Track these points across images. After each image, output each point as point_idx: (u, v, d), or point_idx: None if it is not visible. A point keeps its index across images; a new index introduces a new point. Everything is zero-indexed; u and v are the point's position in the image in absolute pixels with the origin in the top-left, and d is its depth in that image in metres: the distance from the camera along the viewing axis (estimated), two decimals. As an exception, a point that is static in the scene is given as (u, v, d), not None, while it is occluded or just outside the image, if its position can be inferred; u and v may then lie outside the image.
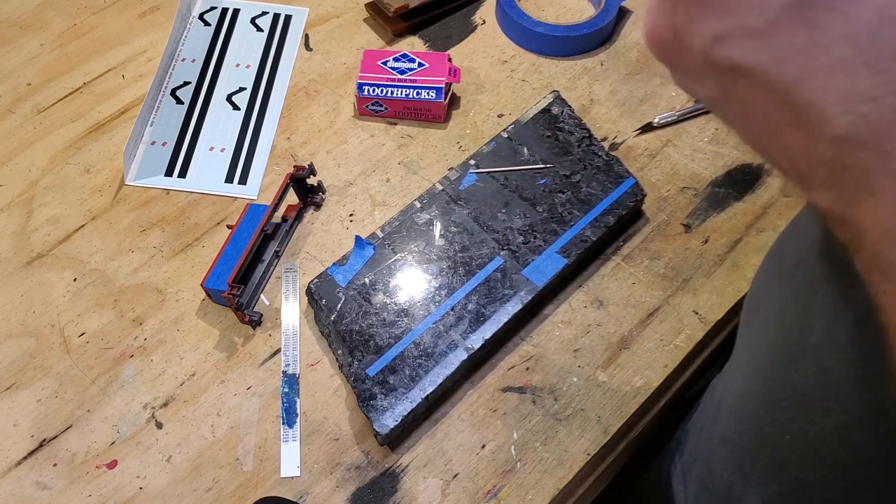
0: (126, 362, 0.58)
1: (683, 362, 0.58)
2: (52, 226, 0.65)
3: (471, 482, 0.53)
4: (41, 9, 0.79)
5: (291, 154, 0.69)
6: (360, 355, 0.55)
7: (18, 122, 0.71)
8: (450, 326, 0.56)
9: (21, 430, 0.55)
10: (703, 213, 0.65)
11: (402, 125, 0.70)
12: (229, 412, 0.56)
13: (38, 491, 0.53)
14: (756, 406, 0.44)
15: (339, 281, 0.58)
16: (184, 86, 0.74)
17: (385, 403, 0.53)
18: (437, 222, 0.61)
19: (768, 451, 0.44)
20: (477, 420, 0.55)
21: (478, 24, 0.78)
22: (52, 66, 0.75)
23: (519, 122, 0.67)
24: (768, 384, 0.43)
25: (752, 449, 0.45)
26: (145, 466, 0.54)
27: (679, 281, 0.61)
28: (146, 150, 0.69)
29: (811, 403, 0.38)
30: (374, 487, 0.53)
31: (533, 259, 0.59)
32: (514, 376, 0.57)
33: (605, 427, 0.55)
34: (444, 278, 0.58)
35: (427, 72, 0.69)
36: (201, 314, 0.60)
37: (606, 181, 0.63)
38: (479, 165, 0.64)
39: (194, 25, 0.78)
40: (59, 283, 0.62)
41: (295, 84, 0.74)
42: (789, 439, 0.41)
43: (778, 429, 0.42)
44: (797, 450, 0.40)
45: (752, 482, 0.46)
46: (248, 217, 0.61)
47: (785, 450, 0.41)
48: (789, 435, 0.40)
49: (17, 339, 0.59)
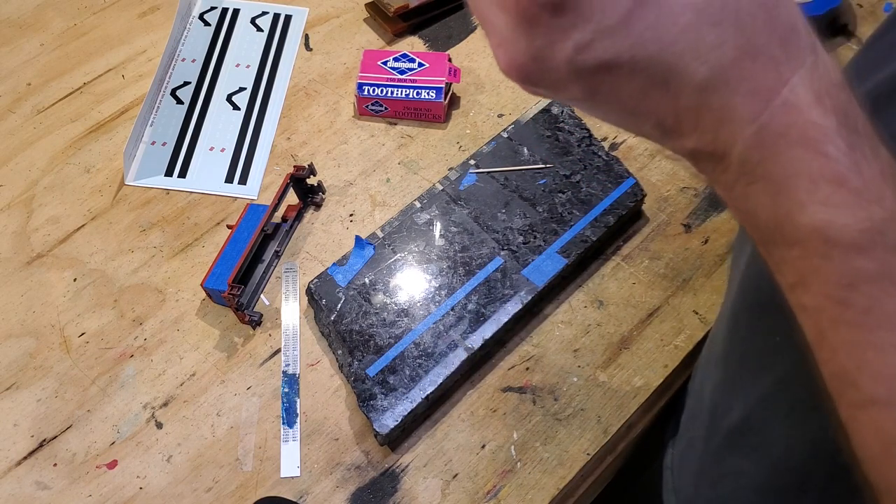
0: (126, 362, 0.58)
1: (683, 362, 0.58)
2: (52, 226, 0.65)
3: (471, 482, 0.53)
4: (41, 9, 0.79)
5: (291, 154, 0.69)
6: (360, 355, 0.55)
7: (18, 122, 0.71)
8: (450, 326, 0.56)
9: (21, 430, 0.55)
10: (703, 213, 0.65)
11: (402, 125, 0.70)
12: (229, 412, 0.56)
13: (38, 491, 0.53)
14: (746, 316, 0.47)
15: (339, 281, 0.58)
16: (184, 86, 0.74)
17: (385, 403, 0.53)
18: (437, 222, 0.61)
19: (756, 356, 0.46)
20: (477, 420, 0.55)
21: (478, 23, 0.78)
22: (52, 66, 0.75)
23: (519, 122, 0.67)
24: (757, 294, 0.45)
25: (741, 360, 0.48)
26: (145, 466, 0.54)
27: (679, 281, 0.61)
28: (146, 150, 0.69)
29: None
30: (374, 487, 0.53)
31: (533, 259, 0.59)
32: (514, 376, 0.57)
33: (605, 427, 0.55)
34: (444, 278, 0.58)
35: (427, 72, 0.69)
36: (201, 314, 0.60)
37: (606, 181, 0.63)
38: (479, 165, 0.64)
39: (194, 25, 0.78)
40: (59, 283, 0.62)
41: (295, 84, 0.74)
42: (778, 341, 0.43)
43: (766, 333, 0.44)
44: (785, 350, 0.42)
45: (736, 394, 0.48)
46: (248, 217, 0.61)
47: (773, 352, 0.44)
48: (778, 336, 0.43)
49: (17, 339, 0.59)
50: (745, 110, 0.25)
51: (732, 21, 0.24)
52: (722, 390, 0.50)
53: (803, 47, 0.25)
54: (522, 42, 0.26)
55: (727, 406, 0.49)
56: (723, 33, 0.25)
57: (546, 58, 0.26)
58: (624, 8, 0.24)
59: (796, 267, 0.27)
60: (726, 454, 0.50)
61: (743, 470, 0.49)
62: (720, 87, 0.25)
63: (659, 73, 0.25)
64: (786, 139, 0.25)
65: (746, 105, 0.25)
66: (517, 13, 0.25)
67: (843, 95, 0.26)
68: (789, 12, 0.25)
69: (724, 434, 0.50)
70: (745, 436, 0.48)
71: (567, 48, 0.25)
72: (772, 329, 0.43)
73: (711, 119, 0.26)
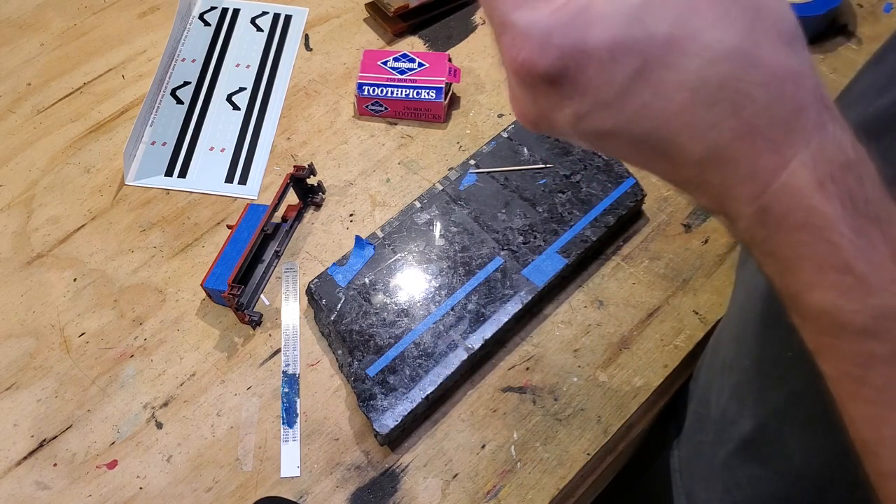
0: (126, 362, 0.58)
1: (683, 362, 0.58)
2: (52, 226, 0.65)
3: (471, 482, 0.53)
4: (41, 9, 0.79)
5: (291, 154, 0.69)
6: (360, 355, 0.55)
7: (18, 122, 0.71)
8: (450, 326, 0.56)
9: (21, 430, 0.55)
10: (703, 213, 0.65)
11: (402, 125, 0.70)
12: (229, 412, 0.56)
13: (38, 491, 0.53)
14: (756, 327, 0.46)
15: (339, 281, 0.58)
16: (184, 86, 0.74)
17: (385, 403, 0.53)
18: (437, 222, 0.61)
19: (767, 368, 0.45)
20: (477, 420, 0.55)
21: (478, 24, 0.78)
22: (52, 66, 0.75)
23: (519, 122, 0.67)
24: (766, 305, 0.44)
25: (751, 370, 0.47)
26: (145, 466, 0.54)
27: (679, 281, 0.61)
28: (146, 150, 0.69)
29: None
30: (374, 487, 0.53)
31: (533, 259, 0.59)
32: (514, 376, 0.57)
33: (605, 427, 0.55)
34: (444, 278, 0.58)
35: (427, 72, 0.69)
36: (201, 314, 0.60)
37: (606, 181, 0.63)
38: (479, 165, 0.64)
39: (194, 25, 0.78)
40: (59, 283, 0.62)
41: (295, 84, 0.74)
42: (790, 355, 0.42)
43: (777, 347, 0.43)
44: (798, 364, 0.41)
45: (748, 405, 0.47)
46: (248, 217, 0.61)
47: (785, 367, 0.43)
48: (790, 352, 0.42)
49: (17, 339, 0.59)
50: (743, 191, 0.26)
51: (730, 102, 0.24)
52: (731, 399, 0.50)
53: (809, 128, 0.25)
54: (529, 103, 0.27)
55: (737, 414, 0.49)
56: (720, 113, 0.24)
57: (549, 117, 0.27)
58: (619, 84, 0.25)
59: (812, 339, 0.27)
60: (740, 462, 0.49)
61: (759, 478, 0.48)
62: (718, 166, 0.25)
63: (658, 146, 0.26)
64: (788, 222, 0.25)
65: (745, 186, 0.25)
66: (519, 80, 0.27)
67: (850, 176, 0.25)
68: (797, 91, 0.25)
69: (737, 443, 0.49)
70: (759, 446, 0.47)
71: (567, 115, 0.26)
72: (783, 342, 0.43)
73: (713, 192, 0.26)
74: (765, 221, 0.26)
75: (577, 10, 0.25)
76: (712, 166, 0.26)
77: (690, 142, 0.25)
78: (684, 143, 0.25)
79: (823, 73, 0.72)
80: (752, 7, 0.24)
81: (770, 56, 0.24)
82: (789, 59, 0.25)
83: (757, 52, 0.24)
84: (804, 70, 0.25)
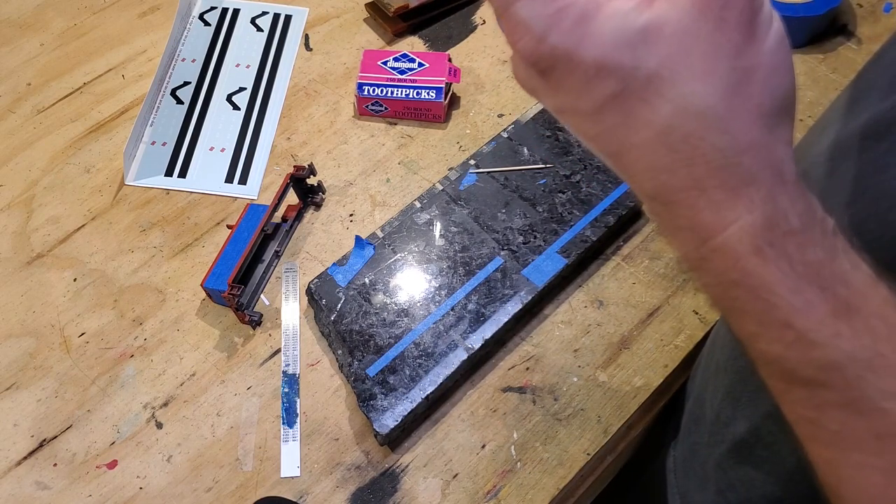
0: (126, 362, 0.58)
1: (683, 362, 0.58)
2: (52, 226, 0.65)
3: (471, 482, 0.53)
4: (41, 9, 0.79)
5: (291, 154, 0.69)
6: (360, 355, 0.55)
7: (18, 122, 0.71)
8: (450, 326, 0.56)
9: (21, 430, 0.55)
10: (703, 213, 0.65)
11: (402, 125, 0.70)
12: (229, 412, 0.56)
13: (38, 491, 0.53)
14: None
15: (339, 281, 0.58)
16: (184, 86, 0.74)
17: (385, 403, 0.53)
18: (437, 222, 0.61)
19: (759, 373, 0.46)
20: (477, 420, 0.55)
21: (478, 24, 0.78)
22: (52, 66, 0.75)
23: (519, 122, 0.67)
24: None
25: (744, 373, 0.47)
26: (145, 466, 0.54)
27: (679, 281, 0.61)
28: (146, 150, 0.69)
29: None
30: (374, 487, 0.53)
31: (533, 259, 0.59)
32: (514, 376, 0.57)
33: (605, 427, 0.55)
34: (444, 278, 0.58)
35: (427, 72, 0.69)
36: (201, 314, 0.60)
37: (606, 181, 0.63)
38: (479, 165, 0.64)
39: (194, 25, 0.78)
40: (59, 283, 0.62)
41: (295, 84, 0.74)
42: None
43: None
44: None
45: (741, 407, 0.48)
46: (248, 217, 0.61)
47: None
48: None
49: (17, 339, 0.59)
50: (684, 237, 0.27)
51: (688, 155, 0.25)
52: (725, 400, 0.50)
53: (755, 199, 0.25)
54: (525, 75, 0.29)
55: (731, 416, 0.49)
56: (676, 161, 0.26)
57: (540, 97, 0.30)
58: (596, 100, 0.26)
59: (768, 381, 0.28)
60: (733, 464, 0.49)
61: (752, 480, 0.48)
62: (665, 206, 0.27)
63: (617, 167, 0.28)
64: (726, 278, 0.26)
65: (686, 234, 0.27)
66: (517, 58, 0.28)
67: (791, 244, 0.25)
68: (753, 164, 0.25)
69: (730, 444, 0.49)
70: (752, 448, 0.47)
71: (549, 103, 0.29)
72: None
73: (662, 225, 0.28)
74: (707, 269, 0.27)
75: (578, 17, 0.25)
76: (660, 205, 0.27)
77: (642, 176, 0.27)
78: (638, 174, 0.27)
79: (823, 72, 0.72)
80: (743, 71, 0.25)
81: (739, 125, 0.25)
82: (759, 132, 0.25)
83: (728, 117, 0.25)
84: (770, 145, 0.26)
